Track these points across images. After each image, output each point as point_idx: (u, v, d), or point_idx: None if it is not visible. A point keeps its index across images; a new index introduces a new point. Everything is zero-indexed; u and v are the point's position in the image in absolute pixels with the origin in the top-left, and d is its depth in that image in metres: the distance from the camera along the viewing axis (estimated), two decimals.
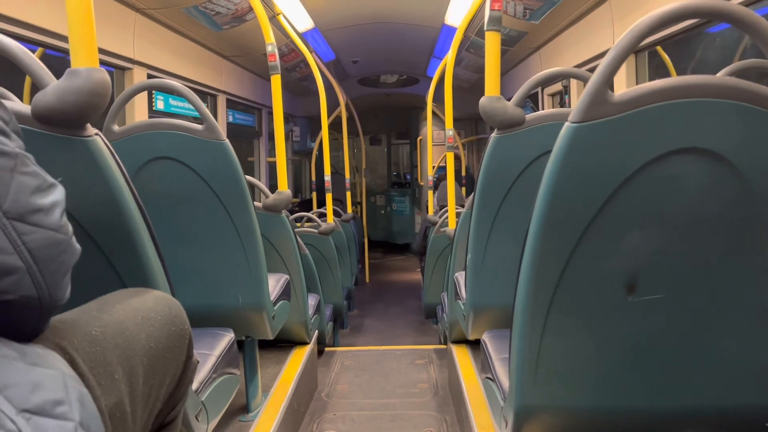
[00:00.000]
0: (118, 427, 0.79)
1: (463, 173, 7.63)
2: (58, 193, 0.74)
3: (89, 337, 0.82)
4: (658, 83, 1.08)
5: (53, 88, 1.10)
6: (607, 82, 1.07)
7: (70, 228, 0.75)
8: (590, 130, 1.08)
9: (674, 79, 1.08)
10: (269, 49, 2.75)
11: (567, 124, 1.10)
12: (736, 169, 1.08)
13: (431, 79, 5.29)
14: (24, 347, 0.69)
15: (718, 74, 1.62)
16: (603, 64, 1.08)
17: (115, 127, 1.89)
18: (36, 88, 1.12)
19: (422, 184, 8.73)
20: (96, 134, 1.17)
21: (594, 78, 1.07)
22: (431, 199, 5.28)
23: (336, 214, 5.49)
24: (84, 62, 1.17)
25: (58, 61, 2.70)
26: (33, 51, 2.54)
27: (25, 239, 0.68)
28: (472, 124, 8.97)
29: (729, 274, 1.18)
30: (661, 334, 1.23)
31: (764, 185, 1.10)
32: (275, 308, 2.24)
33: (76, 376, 0.73)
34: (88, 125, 1.16)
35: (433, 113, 5.56)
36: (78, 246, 0.77)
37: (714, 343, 1.23)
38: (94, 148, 1.16)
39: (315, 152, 7.39)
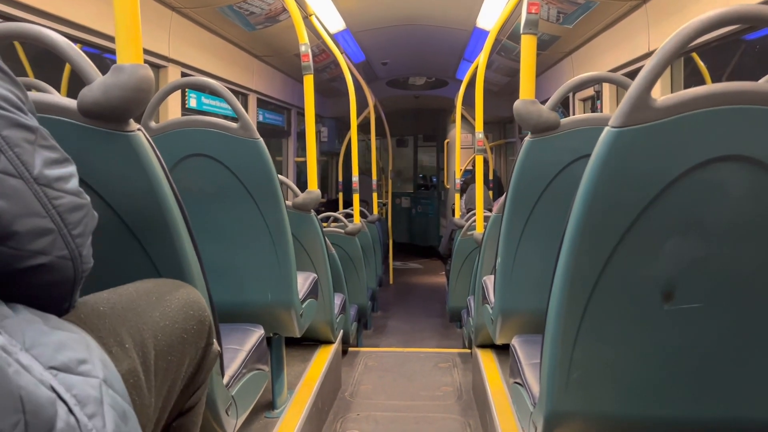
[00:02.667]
0: (132, 392, 0.80)
1: (491, 177, 7.59)
2: (72, 166, 0.78)
3: (96, 312, 0.85)
4: (703, 89, 1.06)
5: (99, 83, 1.12)
6: (651, 87, 1.06)
7: (86, 195, 0.79)
8: (631, 135, 1.07)
9: (718, 86, 1.07)
10: (302, 49, 2.77)
11: (607, 128, 1.09)
12: None
13: (460, 81, 5.28)
14: (46, 315, 0.71)
15: (761, 81, 1.59)
16: (647, 67, 1.06)
17: (152, 124, 1.92)
18: (72, 82, 1.15)
19: (448, 187, 8.71)
20: (138, 129, 1.19)
21: (637, 82, 1.06)
22: (458, 202, 5.26)
23: (362, 215, 5.50)
24: (129, 59, 1.19)
25: (94, 58, 2.76)
26: None
27: (55, 203, 0.72)
28: (500, 127, 8.92)
29: None
30: (698, 343, 1.21)
31: None
32: (303, 306, 2.25)
33: (95, 342, 0.76)
34: (131, 120, 1.18)
35: (462, 116, 5.54)
36: (95, 213, 0.81)
37: (751, 354, 1.21)
38: (137, 142, 1.18)
39: (342, 152, 7.42)
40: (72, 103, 1.14)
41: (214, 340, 1.14)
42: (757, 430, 1.26)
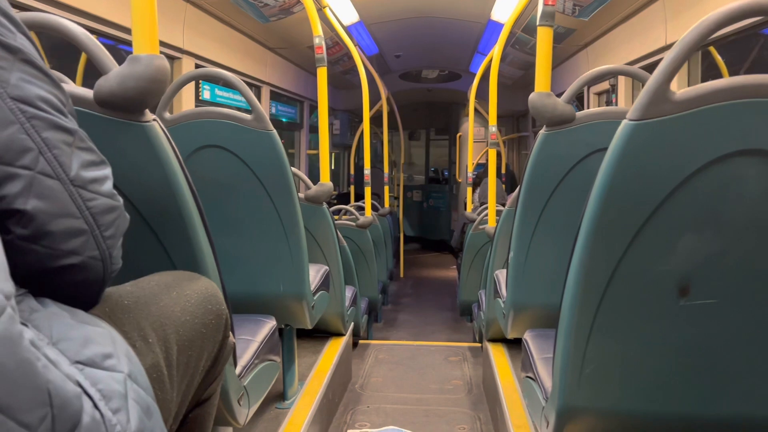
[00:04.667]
0: (155, 386, 0.81)
1: (503, 170, 7.56)
2: (108, 168, 0.80)
3: (120, 305, 0.86)
4: (722, 82, 1.05)
5: (115, 73, 1.13)
6: (670, 80, 1.05)
7: (120, 198, 0.81)
8: (650, 128, 1.06)
9: (738, 78, 1.05)
10: (317, 41, 2.76)
11: (625, 121, 1.08)
12: None
13: (474, 75, 5.26)
14: (73, 309, 0.72)
15: None
16: (666, 60, 1.05)
17: (167, 115, 1.92)
18: (88, 73, 1.15)
19: (460, 180, 8.69)
20: (154, 120, 1.19)
21: (656, 74, 1.05)
22: (470, 195, 5.25)
23: (373, 208, 5.50)
24: (145, 49, 1.19)
25: (108, 49, 2.77)
26: None
27: (89, 204, 0.74)
28: (513, 121, 8.88)
29: None
30: (712, 339, 1.20)
31: None
32: (315, 298, 2.26)
33: (120, 336, 0.76)
34: (147, 111, 1.18)
35: (475, 110, 5.52)
36: (127, 215, 0.83)
37: (766, 351, 1.20)
38: (152, 133, 1.18)
39: (354, 145, 7.41)
40: (88, 93, 1.14)
41: (231, 333, 1.15)
42: None
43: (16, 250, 0.67)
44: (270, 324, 1.83)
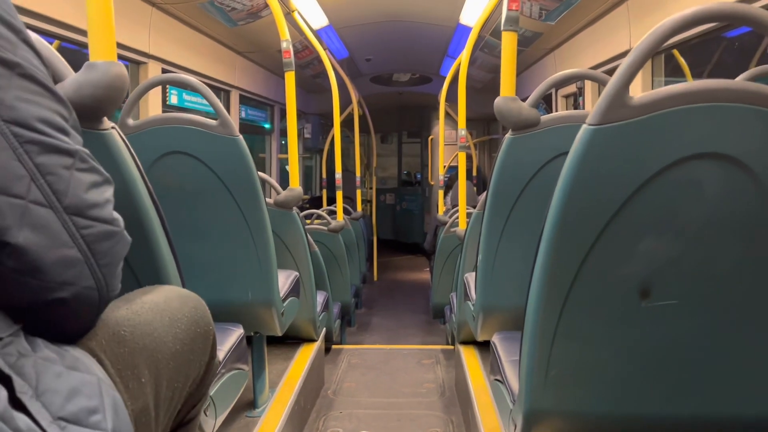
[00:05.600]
0: (141, 431, 0.79)
1: (474, 173, 7.61)
2: (110, 189, 0.77)
3: (118, 337, 0.82)
4: (678, 87, 1.07)
5: (71, 80, 1.10)
6: (627, 85, 1.06)
7: (121, 221, 0.78)
8: (608, 133, 1.07)
9: (694, 83, 1.07)
10: (284, 45, 2.75)
11: (584, 126, 1.09)
12: (755, 174, 1.07)
13: (444, 78, 5.28)
14: (62, 350, 0.69)
15: (737, 79, 1.60)
16: (623, 66, 1.07)
17: (130, 121, 1.89)
18: (53, 80, 1.12)
19: (433, 183, 8.72)
20: (112, 128, 1.17)
21: (613, 80, 1.06)
22: (441, 198, 5.27)
23: (346, 212, 5.49)
24: (102, 56, 1.17)
25: (73, 54, 2.72)
26: (50, 44, 2.56)
27: (84, 233, 0.71)
28: (484, 124, 8.94)
29: (744, 281, 1.16)
30: (675, 340, 1.22)
31: None
32: (284, 305, 2.24)
33: (110, 381, 0.74)
34: (105, 119, 1.16)
35: (446, 113, 5.55)
36: (128, 237, 0.80)
37: (728, 351, 1.22)
38: (110, 141, 1.16)
39: (326, 149, 7.39)
40: None
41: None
42: (732, 426, 1.27)
43: (9, 282, 0.65)
44: (237, 332, 1.82)
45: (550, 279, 1.18)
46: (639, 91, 2.91)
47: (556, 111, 4.57)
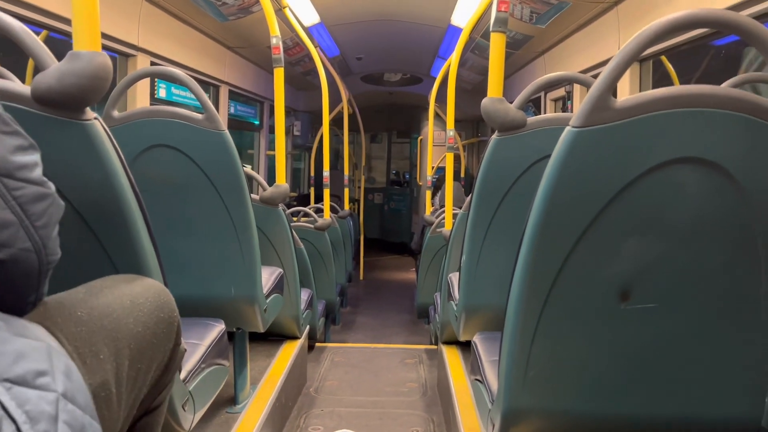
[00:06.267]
0: (102, 406, 0.78)
1: (462, 174, 7.62)
2: (37, 153, 0.76)
3: (74, 317, 0.82)
4: (661, 91, 1.08)
5: (54, 69, 1.09)
6: (610, 88, 1.07)
7: (51, 184, 0.77)
8: (591, 136, 1.08)
9: (677, 88, 1.08)
10: (273, 41, 2.74)
11: (568, 128, 1.10)
12: (735, 179, 1.08)
13: (435, 79, 5.29)
14: (10, 318, 0.69)
15: (722, 85, 1.61)
16: (607, 69, 1.07)
17: (115, 113, 1.88)
18: (39, 70, 1.11)
19: (421, 183, 8.73)
20: (95, 118, 1.16)
21: (597, 83, 1.07)
22: (428, 198, 5.28)
23: (333, 210, 5.48)
24: (86, 45, 1.16)
25: (63, 44, 2.69)
26: (38, 33, 2.53)
27: (15, 194, 0.70)
28: (473, 125, 8.96)
29: (723, 284, 1.17)
30: (654, 341, 1.23)
31: (762, 197, 1.10)
32: (268, 301, 2.23)
33: (63, 350, 0.73)
34: (88, 109, 1.15)
35: (435, 114, 5.55)
36: (61, 201, 0.79)
37: (706, 353, 1.23)
38: (93, 132, 1.15)
39: (315, 147, 7.38)
40: (26, 89, 1.11)
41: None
42: (710, 427, 1.29)
43: None
44: (218, 328, 1.81)
45: (530, 279, 1.18)
46: (628, 96, 2.92)
47: (545, 113, 4.59)
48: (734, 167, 1.08)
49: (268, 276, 2.34)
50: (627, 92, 3.05)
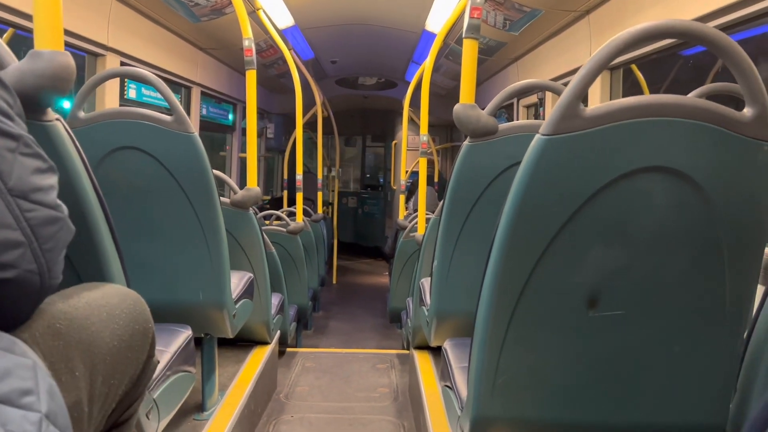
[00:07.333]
0: (74, 426, 0.76)
1: (436, 179, 7.65)
2: (54, 176, 0.77)
3: (53, 329, 0.80)
4: (630, 100, 1.08)
5: (14, 68, 1.06)
6: (580, 96, 1.07)
7: (65, 208, 0.77)
8: (560, 143, 1.08)
9: (645, 97, 1.09)
10: (246, 43, 2.72)
11: (537, 136, 1.10)
12: (701, 188, 1.09)
13: (409, 83, 5.30)
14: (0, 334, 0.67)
15: (689, 95, 1.64)
16: (576, 78, 1.08)
17: (81, 114, 1.84)
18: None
19: (395, 188, 8.74)
20: (57, 119, 1.13)
21: (567, 91, 1.07)
22: (402, 203, 5.28)
23: (306, 213, 5.45)
24: (48, 44, 1.13)
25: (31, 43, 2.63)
26: (4, 31, 2.47)
27: (27, 216, 0.70)
28: (447, 130, 9.00)
29: (689, 291, 1.19)
30: (622, 349, 1.24)
31: (726, 206, 1.11)
32: (237, 306, 2.20)
33: (46, 368, 0.71)
34: (49, 110, 1.12)
35: (410, 118, 5.56)
36: (72, 225, 0.79)
37: (672, 362, 1.24)
38: (54, 133, 1.12)
39: (288, 150, 7.34)
40: None
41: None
42: None
43: None
44: (185, 334, 1.77)
45: (500, 286, 1.18)
46: (598, 104, 2.96)
47: (518, 120, 4.63)
48: (700, 176, 1.09)
49: (237, 281, 2.31)
50: (598, 100, 3.08)
